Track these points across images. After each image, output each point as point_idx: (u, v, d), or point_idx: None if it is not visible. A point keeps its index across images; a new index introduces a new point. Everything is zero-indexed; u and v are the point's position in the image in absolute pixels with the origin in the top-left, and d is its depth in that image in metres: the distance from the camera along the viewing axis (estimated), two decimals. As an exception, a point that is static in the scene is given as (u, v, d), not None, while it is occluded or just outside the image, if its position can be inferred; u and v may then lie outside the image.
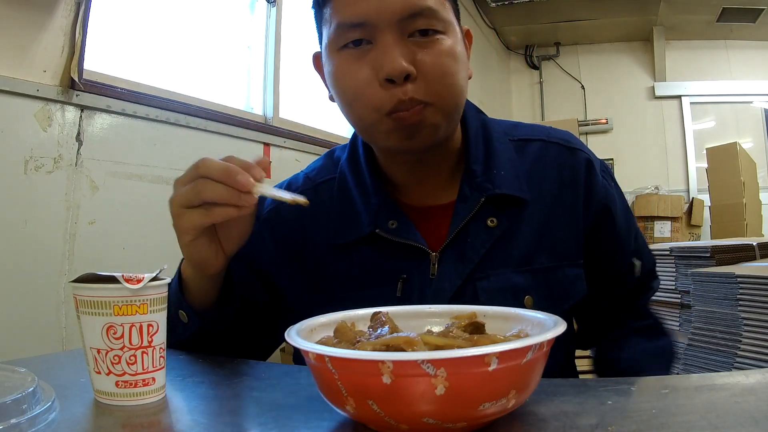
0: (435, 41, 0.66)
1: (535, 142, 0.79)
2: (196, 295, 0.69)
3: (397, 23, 0.65)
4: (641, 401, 0.45)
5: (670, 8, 4.79)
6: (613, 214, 0.78)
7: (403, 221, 0.73)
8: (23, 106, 1.50)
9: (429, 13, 0.66)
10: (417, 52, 0.65)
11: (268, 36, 2.65)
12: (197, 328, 0.70)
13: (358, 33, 0.66)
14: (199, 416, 0.48)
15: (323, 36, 0.72)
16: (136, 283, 0.48)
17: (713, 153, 4.17)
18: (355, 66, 0.66)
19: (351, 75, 0.67)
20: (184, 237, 0.62)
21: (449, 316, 0.54)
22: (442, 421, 0.38)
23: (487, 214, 0.73)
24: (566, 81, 5.61)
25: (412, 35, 0.65)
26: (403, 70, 0.63)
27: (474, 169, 0.74)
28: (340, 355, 0.39)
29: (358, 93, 0.67)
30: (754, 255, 1.69)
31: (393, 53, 0.64)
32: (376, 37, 0.65)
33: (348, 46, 0.67)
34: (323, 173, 0.82)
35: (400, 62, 0.63)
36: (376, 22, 0.65)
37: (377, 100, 0.65)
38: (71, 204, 1.61)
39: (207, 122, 2.09)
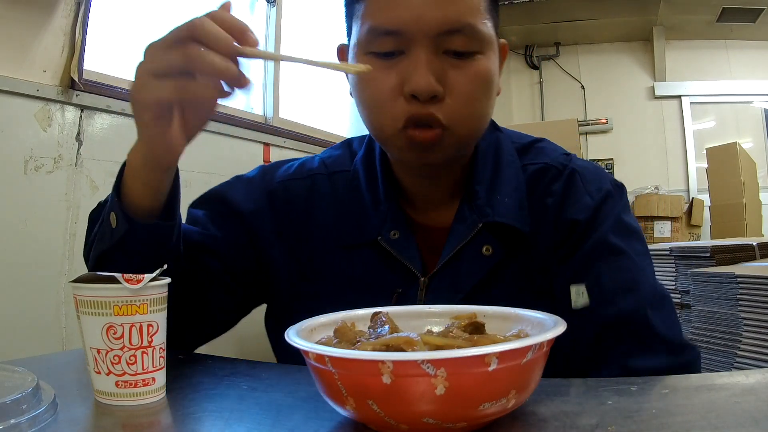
0: (470, 62, 0.63)
1: (536, 165, 0.74)
2: (137, 196, 0.59)
3: (434, 37, 0.61)
4: (641, 401, 0.45)
5: (670, 8, 4.79)
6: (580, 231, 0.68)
7: (405, 233, 0.71)
8: (23, 106, 1.50)
9: (469, 31, 0.62)
10: (449, 71, 0.62)
11: (268, 36, 2.65)
12: (123, 235, 0.58)
13: (390, 42, 0.62)
14: (199, 416, 0.48)
15: (352, 31, 0.68)
16: (136, 283, 0.48)
17: (713, 153, 4.17)
18: (381, 74, 0.63)
19: (376, 83, 0.64)
20: (145, 113, 0.53)
21: (449, 316, 0.54)
22: (442, 421, 0.38)
23: (483, 240, 0.69)
24: (566, 81, 5.60)
25: (446, 51, 0.62)
26: (431, 90, 0.60)
27: (477, 189, 0.71)
28: (340, 355, 0.39)
29: (379, 102, 0.64)
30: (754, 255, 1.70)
31: (423, 69, 0.60)
32: (408, 47, 0.62)
33: (377, 54, 0.63)
34: (339, 163, 0.79)
35: (428, 80, 0.60)
36: (411, 34, 0.61)
37: (398, 112, 0.63)
38: (71, 204, 1.61)
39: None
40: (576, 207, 0.70)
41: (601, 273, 0.66)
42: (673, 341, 0.65)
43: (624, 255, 0.68)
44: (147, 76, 0.51)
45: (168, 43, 0.50)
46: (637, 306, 0.64)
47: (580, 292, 0.66)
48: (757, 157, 4.53)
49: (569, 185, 0.71)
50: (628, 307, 0.64)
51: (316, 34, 2.98)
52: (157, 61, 0.51)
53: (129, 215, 0.58)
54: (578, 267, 0.68)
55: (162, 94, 0.51)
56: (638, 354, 0.62)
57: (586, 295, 0.66)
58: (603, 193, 0.71)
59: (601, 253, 0.67)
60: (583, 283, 0.66)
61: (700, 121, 5.28)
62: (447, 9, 0.61)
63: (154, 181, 0.58)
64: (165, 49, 0.50)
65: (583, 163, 0.75)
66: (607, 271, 0.67)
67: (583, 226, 0.69)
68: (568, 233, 0.69)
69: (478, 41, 0.63)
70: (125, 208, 0.58)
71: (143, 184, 0.58)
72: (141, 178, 0.58)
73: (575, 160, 0.75)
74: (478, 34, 0.63)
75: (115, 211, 0.59)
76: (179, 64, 0.50)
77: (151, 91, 0.51)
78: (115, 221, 0.59)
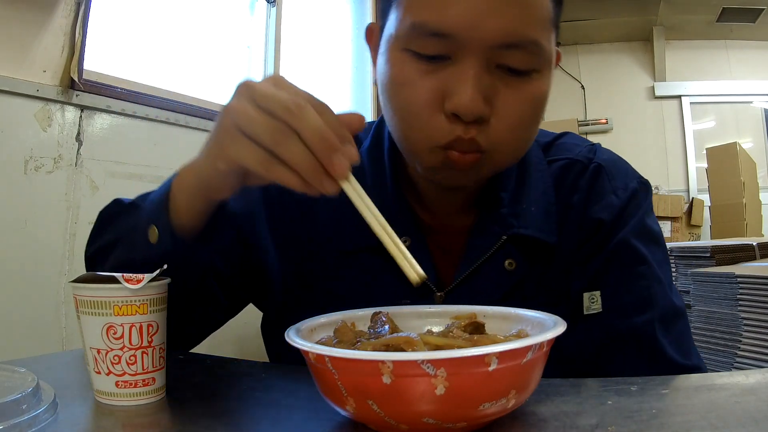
0: (526, 82, 0.55)
1: (560, 161, 0.68)
2: (179, 213, 0.54)
3: (489, 49, 0.52)
4: (641, 401, 0.45)
5: (670, 8, 4.79)
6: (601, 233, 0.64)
7: (417, 239, 0.64)
8: (23, 106, 1.50)
9: (532, 48, 0.53)
10: (500, 90, 0.54)
11: (268, 36, 2.65)
12: (161, 254, 0.53)
13: (436, 45, 0.53)
14: (199, 416, 0.48)
15: (389, 18, 0.58)
16: (136, 283, 0.48)
17: (713, 153, 4.17)
18: (419, 79, 0.54)
19: (412, 88, 0.55)
20: (220, 162, 0.47)
21: (449, 316, 0.54)
22: (442, 421, 0.38)
23: (506, 254, 0.63)
24: (566, 81, 5.60)
25: (500, 66, 0.53)
26: (476, 114, 0.52)
27: (501, 197, 0.64)
28: (340, 355, 0.39)
29: (415, 114, 0.55)
30: (754, 255, 1.70)
31: (472, 86, 0.52)
32: (457, 55, 0.53)
33: (417, 54, 0.54)
34: None
35: (476, 100, 0.52)
36: (463, 40, 0.52)
37: (435, 132, 0.55)
38: (71, 204, 1.61)
39: (207, 122, 2.09)
40: (601, 205, 0.65)
41: (618, 281, 0.64)
42: (678, 364, 0.61)
43: (644, 263, 0.64)
44: (235, 128, 0.45)
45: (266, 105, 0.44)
46: (648, 322, 0.62)
47: (594, 298, 0.64)
48: (757, 157, 4.53)
49: (594, 181, 0.66)
50: (639, 322, 0.62)
51: (316, 34, 2.99)
52: (250, 119, 0.44)
53: (176, 235, 0.53)
54: (597, 270, 0.64)
55: (244, 156, 0.45)
56: (642, 372, 0.58)
57: (599, 302, 0.63)
58: (629, 191, 0.66)
59: (622, 258, 0.64)
60: (599, 287, 0.64)
61: (700, 121, 5.28)
62: (511, 18, 0.52)
63: (202, 206, 0.54)
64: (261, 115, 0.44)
65: (609, 156, 0.70)
66: (625, 280, 0.64)
67: (608, 227, 0.65)
68: (591, 233, 0.65)
69: (539, 59, 0.54)
70: (172, 221, 0.54)
71: (189, 208, 0.54)
72: (188, 201, 0.53)
73: (600, 153, 0.70)
74: (541, 51, 0.54)
75: (159, 226, 0.54)
76: (266, 137, 0.44)
77: (234, 147, 0.46)
78: (157, 237, 0.54)
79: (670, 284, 0.67)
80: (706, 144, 4.65)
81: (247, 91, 0.46)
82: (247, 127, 0.44)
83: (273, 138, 0.44)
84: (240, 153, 0.45)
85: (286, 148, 0.44)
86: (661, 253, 0.67)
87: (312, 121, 0.44)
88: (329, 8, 3.19)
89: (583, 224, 0.66)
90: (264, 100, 0.44)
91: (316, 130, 0.44)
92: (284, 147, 0.44)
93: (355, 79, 3.33)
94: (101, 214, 0.65)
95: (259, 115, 0.44)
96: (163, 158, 1.88)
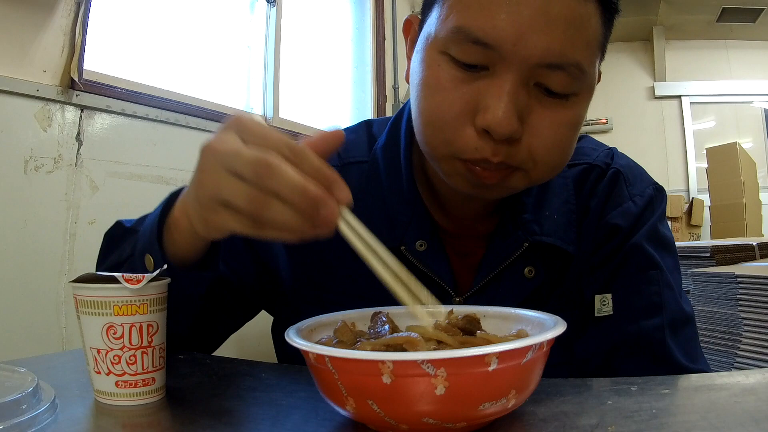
0: (563, 105, 0.52)
1: (579, 166, 0.67)
2: (175, 246, 0.53)
3: (531, 66, 0.50)
4: (641, 401, 0.45)
5: (670, 8, 4.79)
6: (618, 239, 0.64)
7: (434, 244, 0.62)
8: (23, 106, 1.50)
9: (574, 71, 0.51)
10: (535, 109, 0.52)
11: (268, 36, 2.65)
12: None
13: (476, 53, 0.50)
14: (199, 416, 0.48)
15: (430, 15, 0.55)
16: (136, 283, 0.48)
17: (713, 153, 4.17)
18: (453, 87, 0.52)
19: (445, 95, 0.52)
20: (210, 231, 0.45)
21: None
22: (442, 421, 0.38)
23: (525, 261, 0.62)
24: (566, 81, 5.61)
25: (539, 84, 0.51)
26: (509, 132, 0.50)
27: (525, 202, 0.63)
28: (340, 355, 0.39)
29: (443, 122, 0.53)
30: (754, 255, 1.70)
31: (507, 104, 0.49)
32: (496, 67, 0.51)
33: (456, 60, 0.52)
34: (355, 152, 0.68)
35: (510, 120, 0.49)
36: (505, 53, 0.49)
37: (462, 145, 0.52)
38: (71, 204, 1.61)
39: (207, 122, 2.09)
40: (618, 211, 0.65)
41: (629, 285, 0.63)
42: (686, 367, 0.61)
43: (656, 268, 0.63)
44: (211, 200, 0.42)
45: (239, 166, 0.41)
46: (658, 328, 0.62)
47: (605, 301, 0.63)
48: (757, 157, 4.53)
49: (613, 187, 0.66)
50: (649, 326, 0.61)
51: (316, 34, 2.99)
52: (226, 188, 0.41)
53: (172, 265, 0.52)
54: (610, 273, 0.64)
55: (228, 223, 0.43)
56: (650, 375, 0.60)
57: (611, 305, 0.63)
58: (646, 198, 0.66)
59: (634, 262, 0.64)
60: (611, 290, 0.63)
61: (700, 121, 5.28)
62: (559, 37, 0.49)
63: (197, 241, 0.52)
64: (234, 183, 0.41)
65: (626, 162, 0.69)
66: (636, 284, 0.63)
67: (624, 232, 0.64)
68: (607, 238, 0.64)
69: (580, 83, 0.52)
70: (166, 251, 0.52)
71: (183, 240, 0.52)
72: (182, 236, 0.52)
73: (618, 158, 0.69)
74: (583, 75, 0.52)
75: (153, 257, 0.52)
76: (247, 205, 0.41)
77: (217, 218, 0.43)
78: (153, 266, 0.53)
79: (681, 291, 0.66)
80: (706, 144, 4.66)
81: (213, 156, 0.42)
82: (225, 196, 0.41)
83: (253, 206, 0.41)
84: (227, 223, 0.43)
85: (269, 212, 0.41)
86: (672, 260, 0.67)
87: (288, 179, 0.40)
88: (329, 8, 3.19)
89: (600, 229, 0.65)
90: (233, 163, 0.41)
91: (295, 188, 0.40)
92: (267, 212, 0.41)
93: (355, 79, 3.33)
94: (105, 236, 0.66)
95: (233, 183, 0.41)
96: (163, 158, 1.88)
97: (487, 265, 0.62)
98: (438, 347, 0.43)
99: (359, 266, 0.63)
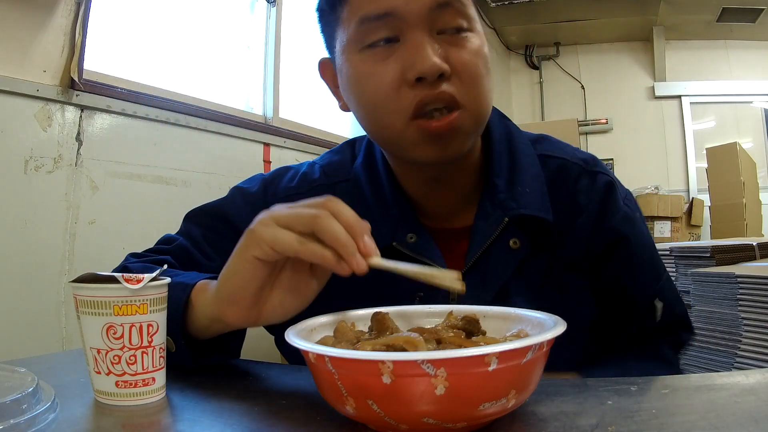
0: (466, 39, 0.61)
1: (556, 160, 0.73)
2: (198, 334, 0.58)
3: (427, 15, 0.59)
4: (641, 401, 0.45)
5: (670, 8, 4.79)
6: (630, 245, 0.71)
7: (422, 235, 0.68)
8: (23, 106, 1.50)
9: (458, 6, 0.61)
10: (449, 50, 0.60)
11: (268, 36, 2.65)
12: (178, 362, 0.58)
13: (384, 28, 0.60)
14: (199, 416, 0.48)
15: (337, 39, 0.66)
16: (136, 283, 0.48)
17: (713, 153, 4.17)
18: (379, 67, 0.60)
19: (375, 76, 0.60)
20: (253, 249, 0.49)
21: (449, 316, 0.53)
22: (442, 421, 0.38)
23: (509, 234, 0.67)
24: (566, 81, 5.60)
25: (441, 33, 0.60)
26: (438, 68, 0.58)
27: (496, 183, 0.68)
28: (340, 355, 0.39)
29: (382, 96, 0.60)
30: (754, 255, 1.69)
31: (425, 50, 0.58)
32: (404, 32, 0.60)
33: (371, 46, 0.61)
34: (341, 172, 0.76)
35: (433, 59, 0.58)
36: (404, 14, 0.59)
37: (405, 103, 0.59)
38: (71, 204, 1.61)
39: (207, 122, 2.09)
40: (617, 218, 0.70)
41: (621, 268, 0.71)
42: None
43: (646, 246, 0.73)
44: (269, 218, 0.49)
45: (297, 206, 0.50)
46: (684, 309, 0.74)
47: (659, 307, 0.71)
48: (757, 157, 4.53)
49: (608, 196, 0.71)
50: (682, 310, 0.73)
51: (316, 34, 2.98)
52: (283, 213, 0.49)
53: (193, 354, 0.58)
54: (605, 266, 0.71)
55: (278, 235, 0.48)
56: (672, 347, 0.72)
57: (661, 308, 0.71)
58: (631, 200, 0.74)
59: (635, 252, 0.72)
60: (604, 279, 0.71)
61: (700, 121, 5.29)
62: None
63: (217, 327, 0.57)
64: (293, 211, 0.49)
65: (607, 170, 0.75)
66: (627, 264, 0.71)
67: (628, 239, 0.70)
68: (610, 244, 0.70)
69: (468, 18, 0.62)
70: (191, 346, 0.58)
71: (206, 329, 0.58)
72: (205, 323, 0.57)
73: (600, 165, 0.74)
74: (467, 10, 0.62)
75: (174, 341, 0.57)
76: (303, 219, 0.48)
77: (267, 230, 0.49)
78: (174, 348, 0.57)
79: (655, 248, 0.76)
80: (706, 144, 4.65)
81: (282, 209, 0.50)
82: (279, 218, 0.49)
83: (308, 218, 0.48)
84: (272, 234, 0.48)
85: (323, 224, 0.47)
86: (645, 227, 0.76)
87: (342, 206, 0.49)
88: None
89: (602, 233, 0.70)
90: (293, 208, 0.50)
91: (347, 212, 0.48)
92: (322, 224, 0.47)
93: (355, 79, 3.32)
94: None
95: (294, 210, 0.49)
96: (163, 158, 1.88)
97: (475, 245, 0.67)
98: (438, 347, 0.43)
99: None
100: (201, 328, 0.57)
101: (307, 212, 0.48)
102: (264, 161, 2.41)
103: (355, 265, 0.47)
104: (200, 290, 0.57)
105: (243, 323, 0.53)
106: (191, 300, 0.57)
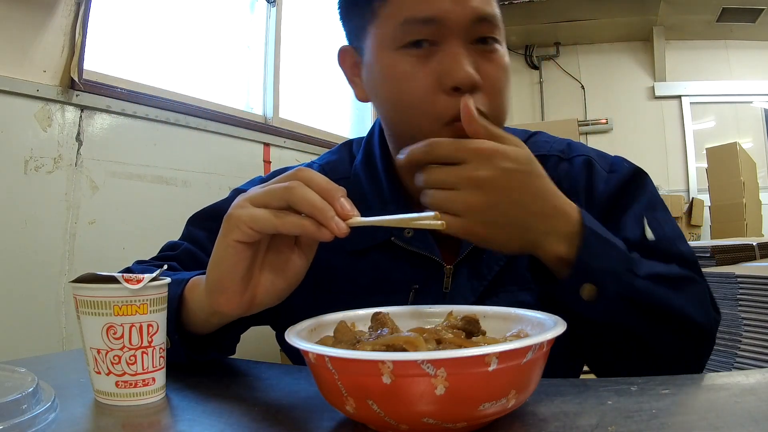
0: (495, 51, 0.64)
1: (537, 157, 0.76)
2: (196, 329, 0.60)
3: (469, 26, 0.61)
4: (641, 401, 0.45)
5: (670, 8, 4.79)
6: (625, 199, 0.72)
7: (419, 230, 0.69)
8: (23, 106, 1.50)
9: (494, 21, 0.63)
10: (480, 61, 0.62)
11: (268, 36, 2.65)
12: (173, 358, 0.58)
13: (427, 30, 0.61)
14: (199, 416, 0.48)
15: (369, 32, 0.66)
16: (136, 283, 0.48)
17: (713, 153, 4.17)
18: (416, 69, 0.62)
19: (411, 79, 0.62)
20: (233, 233, 0.49)
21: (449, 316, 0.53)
22: (442, 421, 0.38)
23: None
24: (566, 81, 5.60)
25: (473, 42, 0.63)
26: (475, 80, 0.60)
27: None
28: (340, 355, 0.39)
29: (418, 99, 0.62)
30: (754, 255, 1.69)
31: (463, 60, 0.60)
32: (444, 39, 0.61)
33: (409, 47, 0.62)
34: (340, 170, 0.78)
35: (470, 70, 0.60)
36: (448, 22, 0.61)
37: (441, 109, 0.61)
38: (71, 204, 1.61)
39: (207, 122, 2.09)
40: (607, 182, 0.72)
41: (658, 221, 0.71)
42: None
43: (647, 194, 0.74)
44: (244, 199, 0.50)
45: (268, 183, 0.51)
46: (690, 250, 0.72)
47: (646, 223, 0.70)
48: (757, 157, 4.53)
49: (590, 173, 0.73)
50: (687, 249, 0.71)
51: (316, 34, 2.99)
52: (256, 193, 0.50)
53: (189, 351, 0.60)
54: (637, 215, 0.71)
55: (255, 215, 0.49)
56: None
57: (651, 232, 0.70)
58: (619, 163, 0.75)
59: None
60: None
61: (700, 121, 5.28)
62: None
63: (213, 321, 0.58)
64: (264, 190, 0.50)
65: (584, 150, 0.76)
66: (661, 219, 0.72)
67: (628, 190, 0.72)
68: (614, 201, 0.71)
69: (500, 30, 0.64)
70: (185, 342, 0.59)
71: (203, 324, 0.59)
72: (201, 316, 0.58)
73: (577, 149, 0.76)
74: (500, 23, 0.64)
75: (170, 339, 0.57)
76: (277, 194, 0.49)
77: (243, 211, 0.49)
78: (169, 343, 0.57)
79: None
80: (706, 144, 4.65)
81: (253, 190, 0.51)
82: (253, 197, 0.49)
83: (283, 193, 0.48)
84: (249, 214, 0.48)
85: (296, 194, 0.48)
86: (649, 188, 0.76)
87: (314, 174, 0.49)
88: (329, 8, 3.19)
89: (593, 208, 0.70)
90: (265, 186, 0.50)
91: (319, 179, 0.49)
92: (295, 194, 0.48)
93: (355, 79, 3.32)
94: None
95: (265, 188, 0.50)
96: (163, 158, 1.88)
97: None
98: (438, 347, 0.43)
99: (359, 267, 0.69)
100: (200, 322, 0.58)
101: (280, 186, 0.49)
102: (264, 161, 2.41)
103: (335, 227, 0.47)
104: (194, 284, 0.59)
105: (237, 310, 0.52)
106: (185, 295, 0.58)
